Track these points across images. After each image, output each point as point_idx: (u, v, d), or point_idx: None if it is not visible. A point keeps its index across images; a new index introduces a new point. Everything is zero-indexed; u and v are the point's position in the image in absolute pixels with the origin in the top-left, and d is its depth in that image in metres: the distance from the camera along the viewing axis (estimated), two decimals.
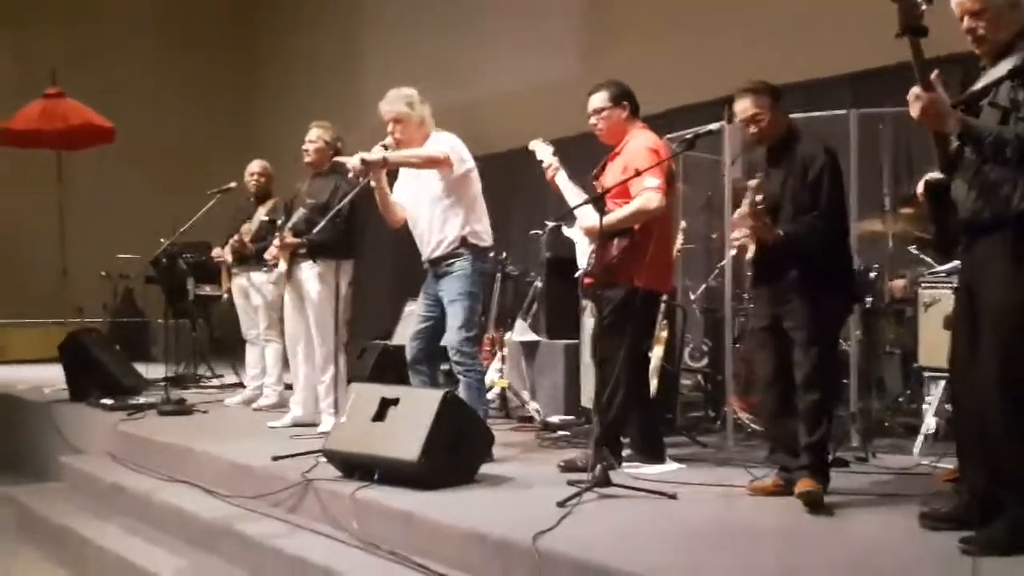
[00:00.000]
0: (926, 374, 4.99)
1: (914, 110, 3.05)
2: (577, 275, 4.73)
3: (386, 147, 4.75)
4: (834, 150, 4.02)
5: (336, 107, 11.26)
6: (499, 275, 7.35)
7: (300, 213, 5.68)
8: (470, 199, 4.85)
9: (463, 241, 4.79)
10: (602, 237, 4.30)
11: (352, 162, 4.68)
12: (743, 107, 4.03)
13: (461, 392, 4.67)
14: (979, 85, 3.10)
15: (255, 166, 7.02)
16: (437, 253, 4.84)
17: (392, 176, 5.04)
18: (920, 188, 3.27)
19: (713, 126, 4.59)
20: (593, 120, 4.65)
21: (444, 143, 4.80)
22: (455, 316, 4.75)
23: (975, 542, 3.01)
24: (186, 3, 13.48)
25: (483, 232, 4.89)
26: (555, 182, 4.73)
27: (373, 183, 4.83)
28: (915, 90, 3.04)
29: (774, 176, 4.00)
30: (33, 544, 5.52)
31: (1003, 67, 3.08)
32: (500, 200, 5.11)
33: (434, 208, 4.82)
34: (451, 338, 4.76)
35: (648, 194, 4.34)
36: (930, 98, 3.01)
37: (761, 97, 3.99)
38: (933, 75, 3.04)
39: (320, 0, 12.87)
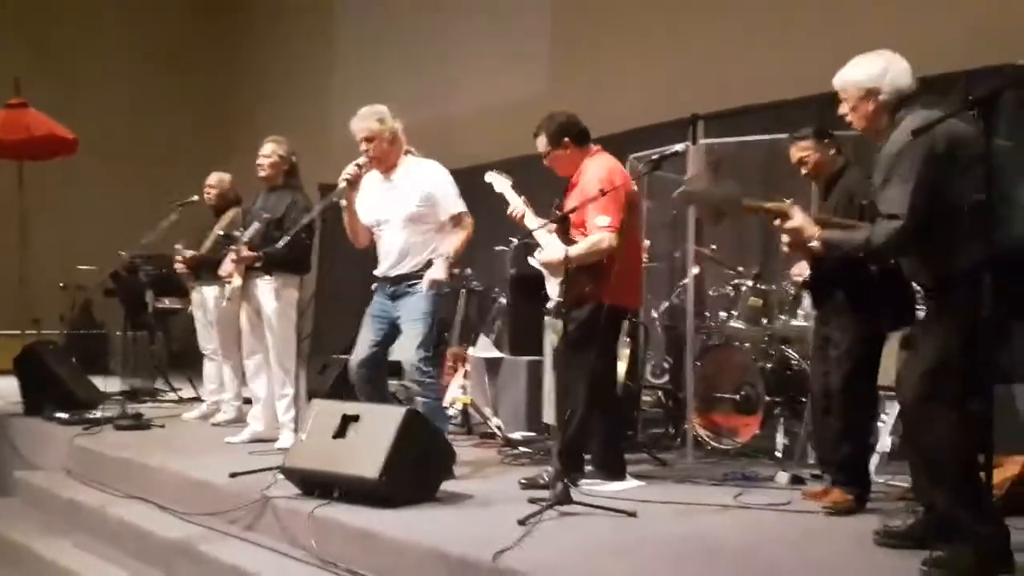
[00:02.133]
0: (882, 393, 5.04)
1: (787, 245, 3.39)
2: (550, 305, 4.72)
3: (360, 165, 4.77)
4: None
5: (306, 121, 11.22)
6: (463, 291, 7.34)
7: (255, 228, 5.62)
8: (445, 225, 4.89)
9: (429, 263, 4.80)
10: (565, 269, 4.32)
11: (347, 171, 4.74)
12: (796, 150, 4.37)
13: (419, 410, 4.65)
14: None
15: (212, 179, 6.96)
16: (403, 271, 4.83)
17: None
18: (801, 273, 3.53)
19: (678, 147, 4.66)
20: (545, 163, 4.70)
21: (456, 198, 4.83)
22: (416, 335, 4.73)
23: (937, 564, 3.03)
24: (153, 13, 13.33)
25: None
26: (523, 223, 4.74)
27: (344, 203, 4.82)
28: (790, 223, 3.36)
29: (824, 208, 4.20)
30: None
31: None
32: None
33: (415, 228, 4.80)
34: (411, 357, 4.73)
35: (598, 234, 4.38)
36: (792, 227, 3.35)
37: (808, 140, 4.32)
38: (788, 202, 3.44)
39: (292, 14, 12.83)
